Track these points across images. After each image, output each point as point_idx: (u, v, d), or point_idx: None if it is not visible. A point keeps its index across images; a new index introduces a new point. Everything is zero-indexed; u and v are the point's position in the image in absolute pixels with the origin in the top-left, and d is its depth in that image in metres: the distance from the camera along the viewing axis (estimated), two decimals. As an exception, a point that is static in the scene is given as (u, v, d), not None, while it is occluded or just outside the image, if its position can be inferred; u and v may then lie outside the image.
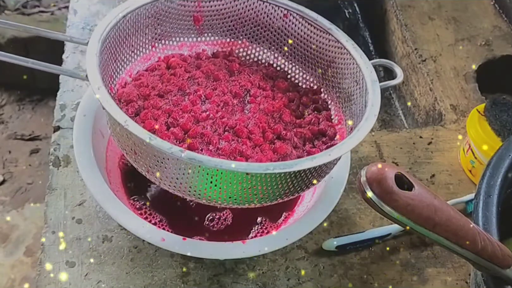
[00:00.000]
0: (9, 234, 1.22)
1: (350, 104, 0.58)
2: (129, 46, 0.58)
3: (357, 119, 0.54)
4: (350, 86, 0.58)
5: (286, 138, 0.55)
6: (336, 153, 0.47)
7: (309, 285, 0.56)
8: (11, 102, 1.44)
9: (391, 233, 0.59)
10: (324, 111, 0.60)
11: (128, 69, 0.58)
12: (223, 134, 0.52)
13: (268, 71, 0.63)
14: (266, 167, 0.44)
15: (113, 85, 0.55)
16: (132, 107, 0.53)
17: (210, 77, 0.59)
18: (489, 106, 0.65)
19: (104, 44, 0.52)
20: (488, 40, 0.82)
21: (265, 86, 0.60)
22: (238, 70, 0.61)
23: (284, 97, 0.59)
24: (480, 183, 0.48)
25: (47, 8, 1.45)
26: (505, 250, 0.41)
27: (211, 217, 0.59)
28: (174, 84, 0.56)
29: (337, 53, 0.59)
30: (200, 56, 0.63)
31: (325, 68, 0.61)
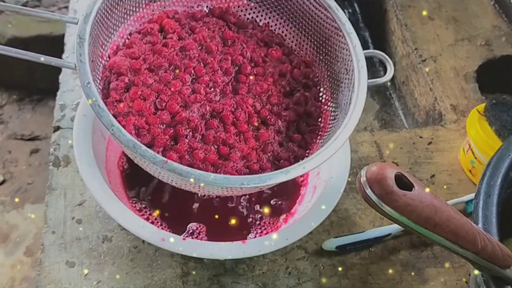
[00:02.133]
0: (9, 234, 1.22)
1: (338, 90, 0.57)
2: (121, 10, 0.57)
3: (340, 113, 0.55)
4: (341, 72, 0.57)
5: (271, 123, 0.55)
6: (310, 166, 0.48)
7: (309, 285, 0.56)
8: (11, 102, 1.44)
9: (391, 233, 0.59)
10: (313, 87, 0.60)
11: (120, 30, 0.57)
12: (209, 119, 0.53)
13: (263, 35, 0.62)
14: (241, 182, 0.47)
15: (104, 52, 0.55)
16: (122, 81, 0.53)
17: (202, 47, 0.58)
18: (489, 106, 0.65)
19: (94, 20, 0.52)
20: (488, 40, 0.82)
21: (257, 59, 0.59)
22: (231, 39, 0.59)
23: (274, 71, 0.59)
24: (480, 183, 0.48)
25: (47, 8, 1.45)
26: (505, 250, 0.41)
27: (211, 217, 0.59)
28: (165, 57, 0.56)
29: (333, 33, 0.58)
30: (195, 15, 0.61)
31: (320, 43, 0.60)
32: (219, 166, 0.51)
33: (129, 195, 0.59)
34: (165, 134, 0.51)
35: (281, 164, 0.53)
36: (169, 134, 0.52)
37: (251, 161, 0.53)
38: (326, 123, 0.57)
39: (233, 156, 0.52)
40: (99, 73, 0.54)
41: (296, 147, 0.55)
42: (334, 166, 0.59)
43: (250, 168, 0.52)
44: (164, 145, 0.51)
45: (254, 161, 0.53)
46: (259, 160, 0.53)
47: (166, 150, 0.51)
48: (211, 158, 0.51)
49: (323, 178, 0.59)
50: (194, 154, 0.51)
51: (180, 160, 0.51)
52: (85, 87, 0.48)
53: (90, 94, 0.47)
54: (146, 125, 0.51)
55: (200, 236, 0.58)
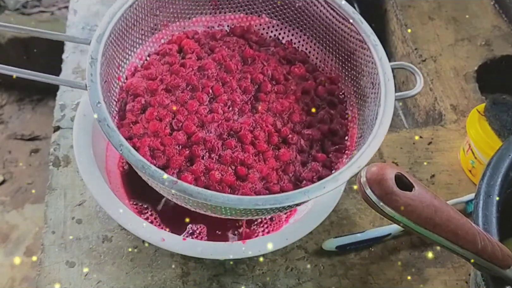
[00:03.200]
0: (9, 234, 1.22)
1: (364, 106, 0.55)
2: (139, 31, 0.56)
3: (366, 130, 0.52)
4: (367, 86, 0.55)
5: (292, 142, 0.53)
6: (331, 186, 0.45)
7: (309, 285, 0.56)
8: (11, 102, 1.44)
9: (391, 233, 0.59)
10: (339, 105, 0.58)
11: (139, 52, 0.57)
12: (227, 139, 0.52)
13: (286, 52, 0.60)
14: (256, 203, 0.44)
15: (121, 74, 0.54)
16: (138, 102, 0.52)
17: (221, 66, 0.56)
18: (489, 106, 0.65)
19: (108, 40, 0.51)
20: (488, 40, 0.82)
21: (279, 77, 0.57)
22: (252, 57, 0.58)
23: (297, 89, 0.57)
24: (480, 183, 0.48)
25: (47, 8, 1.45)
26: (505, 250, 0.41)
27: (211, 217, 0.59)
28: (182, 78, 0.55)
29: (357, 46, 0.56)
30: (215, 35, 0.60)
31: (345, 58, 0.58)
32: (236, 187, 0.49)
33: (129, 195, 0.59)
34: (181, 155, 0.50)
35: (304, 185, 0.51)
36: (184, 155, 0.50)
37: (271, 182, 0.50)
38: (352, 141, 0.55)
39: (252, 177, 0.50)
40: (116, 94, 0.53)
41: (321, 167, 0.53)
42: (334, 166, 0.59)
43: (269, 189, 0.50)
44: (179, 166, 0.50)
45: (274, 182, 0.51)
46: (279, 181, 0.51)
47: (181, 171, 0.49)
48: (228, 179, 0.49)
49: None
50: (210, 175, 0.49)
51: (195, 181, 0.49)
52: (95, 107, 0.46)
53: (101, 115, 0.46)
54: (161, 146, 0.50)
55: (200, 236, 0.58)
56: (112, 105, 0.52)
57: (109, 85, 0.52)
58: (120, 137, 0.45)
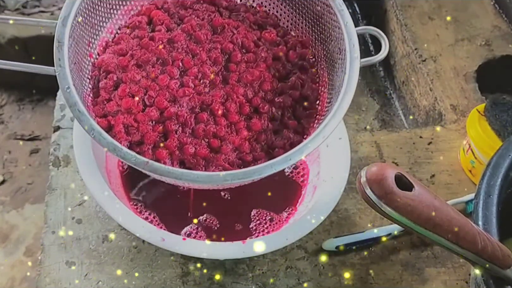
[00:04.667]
0: (9, 234, 1.22)
1: (333, 71, 0.56)
2: (106, 6, 0.56)
3: (334, 96, 0.53)
4: (335, 51, 0.56)
5: (263, 112, 0.54)
6: (296, 157, 0.47)
7: (309, 285, 0.56)
8: (11, 102, 1.44)
9: (391, 233, 0.59)
10: (310, 69, 0.58)
11: (108, 26, 0.57)
12: (199, 112, 0.53)
13: (256, 17, 0.60)
14: (224, 178, 0.46)
15: (92, 50, 0.55)
16: (110, 79, 0.53)
17: (191, 36, 0.56)
18: (489, 106, 0.65)
19: (75, 21, 0.51)
20: (488, 40, 0.82)
21: (249, 45, 0.57)
22: (221, 25, 0.58)
23: (268, 56, 0.57)
24: (480, 183, 0.48)
25: (47, 8, 1.45)
26: (505, 250, 0.41)
27: (211, 217, 0.59)
28: (152, 52, 0.55)
29: (325, 10, 0.56)
30: (185, 3, 0.60)
31: (314, 21, 0.59)
32: (210, 159, 0.51)
33: (129, 195, 0.59)
34: (154, 131, 0.51)
35: (276, 152, 0.52)
36: (158, 130, 0.51)
37: (244, 152, 0.52)
38: (323, 105, 0.56)
39: (225, 148, 0.51)
40: (88, 72, 0.54)
41: (292, 133, 0.54)
42: (334, 166, 0.59)
43: (243, 159, 0.52)
44: (153, 142, 0.51)
45: (247, 152, 0.52)
46: (252, 151, 0.52)
47: (155, 147, 0.51)
48: (202, 152, 0.51)
49: (323, 178, 0.59)
50: (184, 149, 0.50)
51: (170, 156, 0.50)
52: (65, 92, 0.47)
53: (70, 99, 0.47)
54: (135, 123, 0.51)
55: (200, 236, 0.58)
56: (85, 83, 0.52)
57: (80, 65, 0.52)
58: (91, 121, 0.47)
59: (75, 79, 0.49)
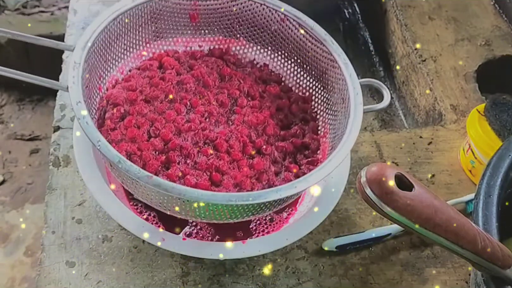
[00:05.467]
0: (9, 234, 1.22)
1: (335, 121, 0.58)
2: (121, 45, 0.58)
3: (337, 142, 0.54)
4: (338, 102, 0.58)
5: (266, 153, 0.55)
6: (302, 186, 0.48)
7: (309, 285, 0.56)
8: (11, 102, 1.44)
9: (391, 233, 0.59)
10: (312, 121, 0.60)
11: (120, 66, 0.59)
12: (203, 147, 0.54)
13: (262, 73, 0.63)
14: (229, 199, 0.45)
15: (102, 85, 0.56)
16: (118, 111, 0.54)
17: (199, 81, 0.59)
18: (489, 106, 0.65)
19: (91, 49, 0.53)
20: (488, 40, 0.82)
21: (254, 94, 0.60)
22: (229, 75, 0.61)
23: (272, 106, 0.60)
24: (480, 183, 0.48)
25: (47, 8, 1.45)
26: (505, 250, 0.41)
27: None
28: (161, 90, 0.57)
29: (329, 65, 0.59)
30: (195, 55, 0.63)
31: (317, 78, 0.61)
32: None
33: (129, 195, 0.59)
34: (157, 160, 0.51)
35: None
36: (161, 160, 0.52)
37: (245, 189, 0.52)
38: (324, 154, 0.57)
39: (226, 183, 0.52)
40: (96, 103, 0.55)
41: (293, 177, 0.54)
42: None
43: None
44: (155, 170, 0.51)
45: (247, 189, 0.52)
46: (253, 188, 0.53)
47: (157, 175, 0.50)
48: (203, 184, 0.51)
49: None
50: (186, 179, 0.51)
51: None
52: (75, 106, 0.48)
53: (80, 112, 0.48)
54: (138, 151, 0.52)
55: (200, 236, 0.58)
56: (92, 112, 0.53)
57: (90, 92, 0.53)
58: (98, 133, 0.47)
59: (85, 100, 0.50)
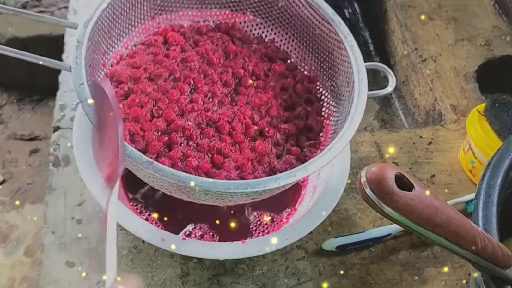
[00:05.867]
0: (9, 234, 1.22)
1: (339, 104, 0.57)
2: (126, 20, 0.57)
3: (339, 126, 0.54)
4: (342, 84, 0.57)
5: (268, 135, 0.55)
6: (301, 175, 0.48)
7: (309, 285, 0.56)
8: (11, 102, 1.44)
9: (391, 233, 0.59)
10: (316, 102, 0.60)
11: (125, 41, 0.58)
12: (205, 128, 0.53)
13: (268, 50, 0.62)
14: (228, 186, 0.46)
15: (106, 61, 0.56)
16: (121, 88, 0.54)
17: (204, 59, 0.58)
18: (489, 106, 0.65)
19: (95, 26, 0.52)
20: (488, 40, 0.82)
21: (259, 72, 0.59)
22: (234, 53, 0.60)
23: (276, 85, 0.59)
24: (480, 183, 0.48)
25: (47, 8, 1.45)
26: (505, 250, 0.41)
27: (212, 218, 0.59)
28: (165, 68, 0.56)
29: (335, 46, 0.58)
30: (201, 30, 0.61)
31: (323, 57, 0.60)
32: (212, 174, 0.51)
33: (129, 196, 0.59)
34: (159, 141, 0.51)
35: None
36: (163, 141, 0.52)
37: (246, 172, 0.52)
38: (327, 137, 0.57)
39: (227, 165, 0.52)
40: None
41: (294, 160, 0.54)
42: (334, 166, 0.59)
43: (244, 178, 0.51)
44: (157, 151, 0.51)
45: (248, 171, 0.52)
46: (254, 171, 0.53)
47: (159, 156, 0.51)
48: (204, 166, 0.51)
49: (323, 178, 0.59)
50: (187, 161, 0.51)
51: (172, 167, 0.50)
52: (78, 88, 0.48)
53: (82, 95, 0.47)
54: (141, 132, 0.51)
55: (200, 236, 0.58)
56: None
57: (93, 70, 0.53)
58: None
59: (88, 80, 0.49)
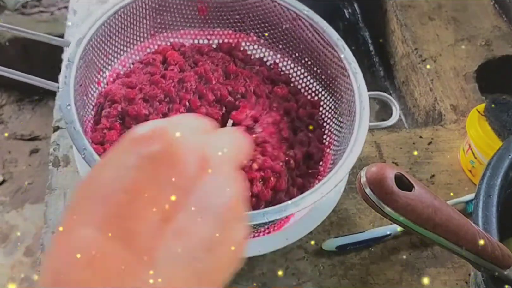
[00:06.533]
0: (9, 234, 1.22)
1: (340, 132, 0.56)
2: (123, 38, 0.56)
3: (338, 156, 0.52)
4: (344, 113, 0.56)
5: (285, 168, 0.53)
6: (291, 210, 0.45)
7: (309, 285, 0.56)
8: (11, 102, 1.44)
9: (391, 233, 0.59)
10: (318, 129, 0.58)
11: (122, 59, 0.57)
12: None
13: (270, 73, 0.60)
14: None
15: (102, 79, 0.55)
16: (114, 109, 0.53)
17: (202, 78, 0.56)
18: (489, 106, 0.65)
19: (89, 45, 0.51)
20: (488, 40, 0.82)
21: (261, 94, 0.57)
22: (235, 73, 0.58)
23: (279, 107, 0.57)
24: (480, 183, 0.48)
25: (47, 8, 1.45)
26: (505, 250, 0.41)
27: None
28: (161, 89, 0.55)
29: (339, 72, 0.57)
30: (202, 49, 0.60)
31: (327, 83, 0.59)
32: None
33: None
34: None
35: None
36: None
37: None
38: (326, 166, 0.55)
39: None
40: (94, 98, 0.54)
41: (296, 191, 0.53)
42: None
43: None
44: None
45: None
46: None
47: None
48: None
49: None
50: None
51: None
52: (65, 109, 0.47)
53: (68, 117, 0.46)
54: None
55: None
56: (88, 108, 0.52)
57: (86, 89, 0.52)
58: (85, 141, 0.45)
59: (78, 100, 0.49)
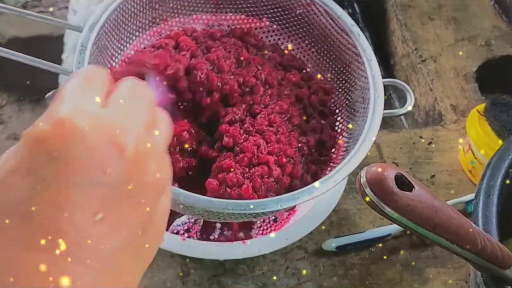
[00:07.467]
0: (9, 234, 1.22)
1: (353, 120, 0.55)
2: (136, 23, 0.56)
3: (351, 144, 0.51)
4: (358, 100, 0.55)
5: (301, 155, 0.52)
6: (304, 197, 0.45)
7: (309, 285, 0.56)
8: (11, 102, 1.44)
9: (391, 233, 0.59)
10: (330, 116, 0.57)
11: (135, 44, 0.56)
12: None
13: (283, 58, 0.59)
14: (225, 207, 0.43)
15: (114, 64, 0.54)
16: None
17: (214, 66, 0.54)
18: (489, 106, 0.65)
19: (102, 30, 0.51)
20: (488, 40, 0.82)
21: (272, 81, 0.55)
22: (247, 60, 0.56)
23: (291, 95, 0.56)
24: (480, 183, 0.48)
25: (47, 8, 1.45)
26: (505, 250, 0.41)
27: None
28: None
29: (353, 59, 0.56)
30: (214, 35, 0.59)
31: (340, 70, 0.58)
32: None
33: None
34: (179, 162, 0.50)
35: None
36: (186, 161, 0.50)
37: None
38: (338, 153, 0.54)
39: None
40: None
41: (310, 178, 0.52)
42: (334, 166, 0.59)
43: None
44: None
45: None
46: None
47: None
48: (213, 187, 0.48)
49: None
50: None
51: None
52: None
53: None
54: None
55: (200, 236, 0.58)
56: None
57: None
58: None
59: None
